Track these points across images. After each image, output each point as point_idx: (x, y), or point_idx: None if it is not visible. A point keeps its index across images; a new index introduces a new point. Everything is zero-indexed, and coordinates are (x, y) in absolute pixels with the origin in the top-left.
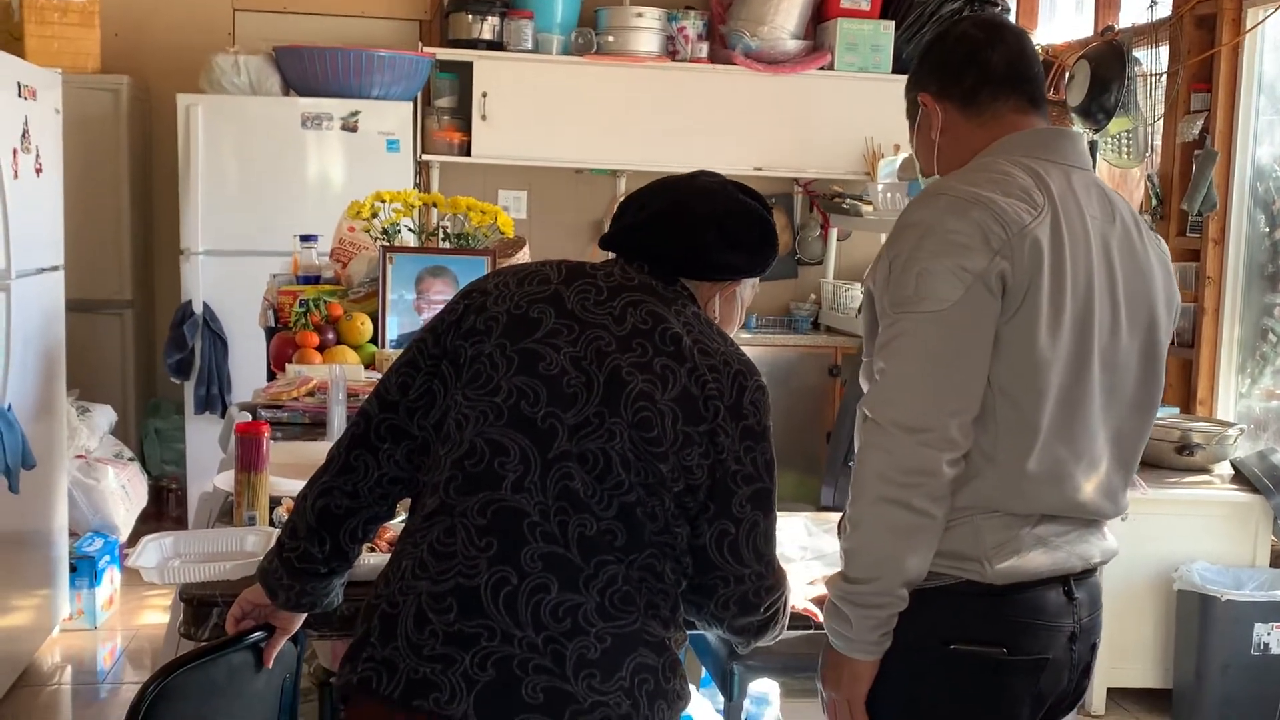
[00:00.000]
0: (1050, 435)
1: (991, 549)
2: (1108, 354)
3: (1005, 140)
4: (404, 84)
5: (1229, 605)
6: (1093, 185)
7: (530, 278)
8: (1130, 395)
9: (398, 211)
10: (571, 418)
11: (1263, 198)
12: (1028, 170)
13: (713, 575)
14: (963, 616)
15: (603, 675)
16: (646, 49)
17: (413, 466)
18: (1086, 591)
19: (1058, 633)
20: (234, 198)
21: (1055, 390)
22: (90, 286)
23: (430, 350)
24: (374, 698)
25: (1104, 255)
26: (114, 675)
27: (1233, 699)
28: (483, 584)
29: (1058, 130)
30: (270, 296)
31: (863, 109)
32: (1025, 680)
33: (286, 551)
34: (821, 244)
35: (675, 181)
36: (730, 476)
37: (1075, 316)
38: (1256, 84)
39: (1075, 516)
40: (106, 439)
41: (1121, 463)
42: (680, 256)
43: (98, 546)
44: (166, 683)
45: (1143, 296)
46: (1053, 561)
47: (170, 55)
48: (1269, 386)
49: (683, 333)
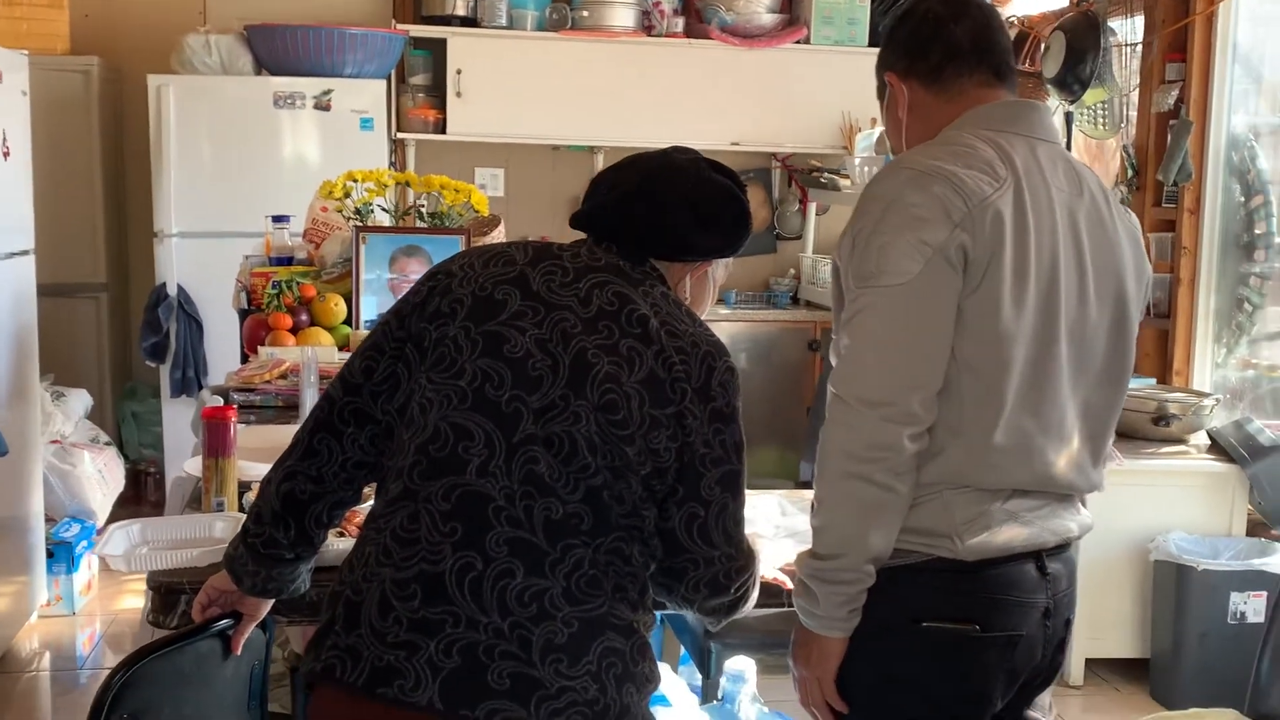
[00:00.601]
0: (1016, 408)
1: (962, 524)
2: (1075, 326)
3: (971, 114)
4: (377, 61)
5: (1205, 575)
6: (1059, 158)
7: (496, 259)
8: (1099, 368)
9: (370, 191)
10: (536, 401)
11: (1238, 167)
12: (991, 143)
13: (682, 558)
14: (935, 594)
15: (569, 660)
16: (622, 24)
17: (377, 451)
18: (1060, 566)
19: (1031, 609)
20: (207, 179)
21: (1020, 363)
22: (64, 270)
23: (395, 333)
24: (338, 686)
25: (1070, 227)
26: (93, 661)
27: (1210, 667)
28: (447, 570)
29: (1024, 103)
30: (243, 278)
31: (839, 83)
32: (998, 656)
33: (251, 537)
34: (800, 219)
35: (647, 159)
36: (699, 459)
37: (1040, 289)
38: (1231, 53)
39: (1046, 491)
40: (82, 424)
41: (1091, 437)
42: (651, 237)
43: (75, 532)
44: (133, 671)
45: (1111, 269)
46: (1025, 536)
47: (141, 35)
48: (1245, 356)
49: (650, 314)
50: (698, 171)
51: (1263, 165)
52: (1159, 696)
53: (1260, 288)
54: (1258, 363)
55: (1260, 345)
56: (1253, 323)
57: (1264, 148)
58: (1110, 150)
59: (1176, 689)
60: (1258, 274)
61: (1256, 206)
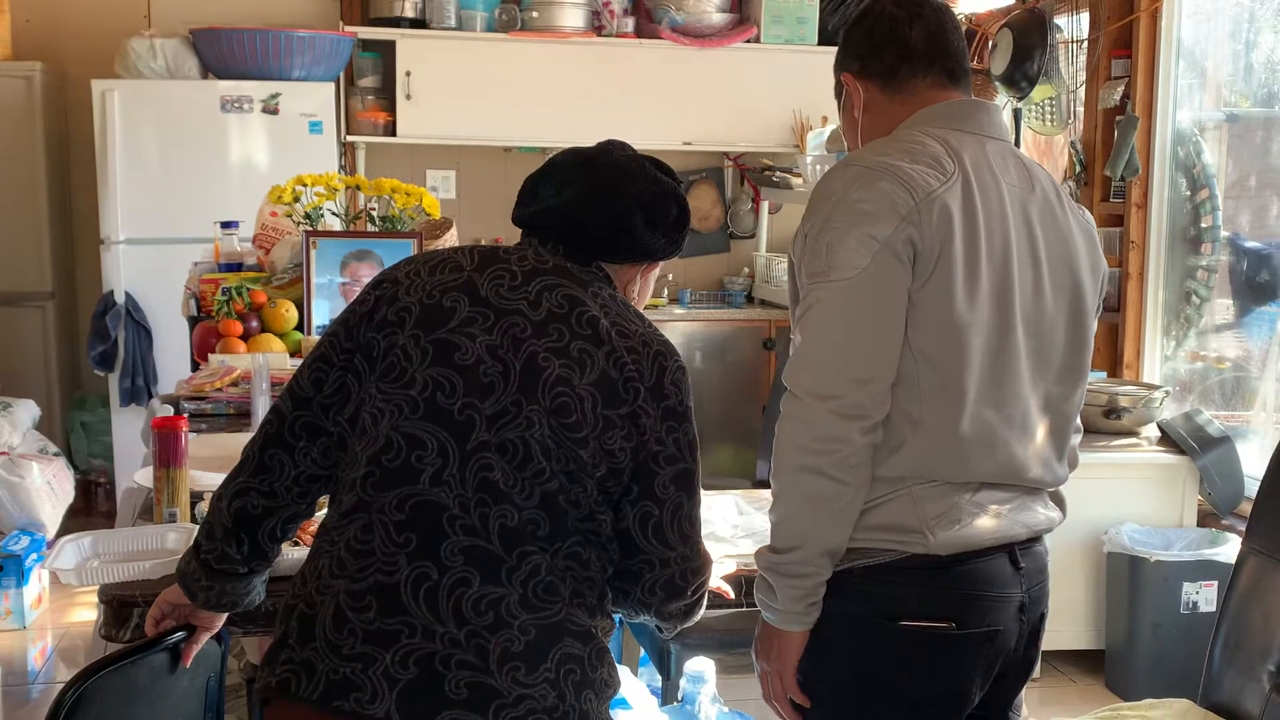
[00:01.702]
0: (978, 399)
1: (932, 518)
2: (1031, 319)
3: (922, 112)
4: (325, 64)
5: (1158, 566)
6: (1010, 155)
7: (442, 265)
8: (1058, 361)
9: (320, 195)
10: (489, 407)
11: (1184, 161)
12: (940, 140)
13: (638, 559)
14: (910, 592)
15: (527, 668)
16: (572, 24)
17: (330, 463)
18: (1033, 560)
19: (1006, 603)
20: (154, 185)
21: (979, 353)
22: (9, 279)
23: (343, 344)
24: (294, 700)
25: (1023, 221)
26: (45, 675)
27: (1164, 657)
28: (402, 580)
29: (974, 102)
30: (192, 285)
31: (790, 81)
32: (976, 653)
33: (204, 553)
34: (753, 217)
35: (590, 158)
36: (652, 457)
37: (993, 280)
38: (1175, 49)
39: (1014, 484)
40: (30, 434)
41: (1054, 431)
42: (604, 240)
43: (24, 545)
44: (86, 686)
45: (1066, 263)
46: (996, 529)
47: (84, 40)
48: (1193, 349)
49: (600, 315)
50: (645, 172)
51: (1208, 159)
52: (1114, 687)
53: (1207, 281)
54: (1206, 355)
55: (1208, 337)
56: (1200, 315)
57: (1209, 142)
58: (1058, 146)
59: (1131, 679)
60: (1205, 267)
61: (1202, 200)
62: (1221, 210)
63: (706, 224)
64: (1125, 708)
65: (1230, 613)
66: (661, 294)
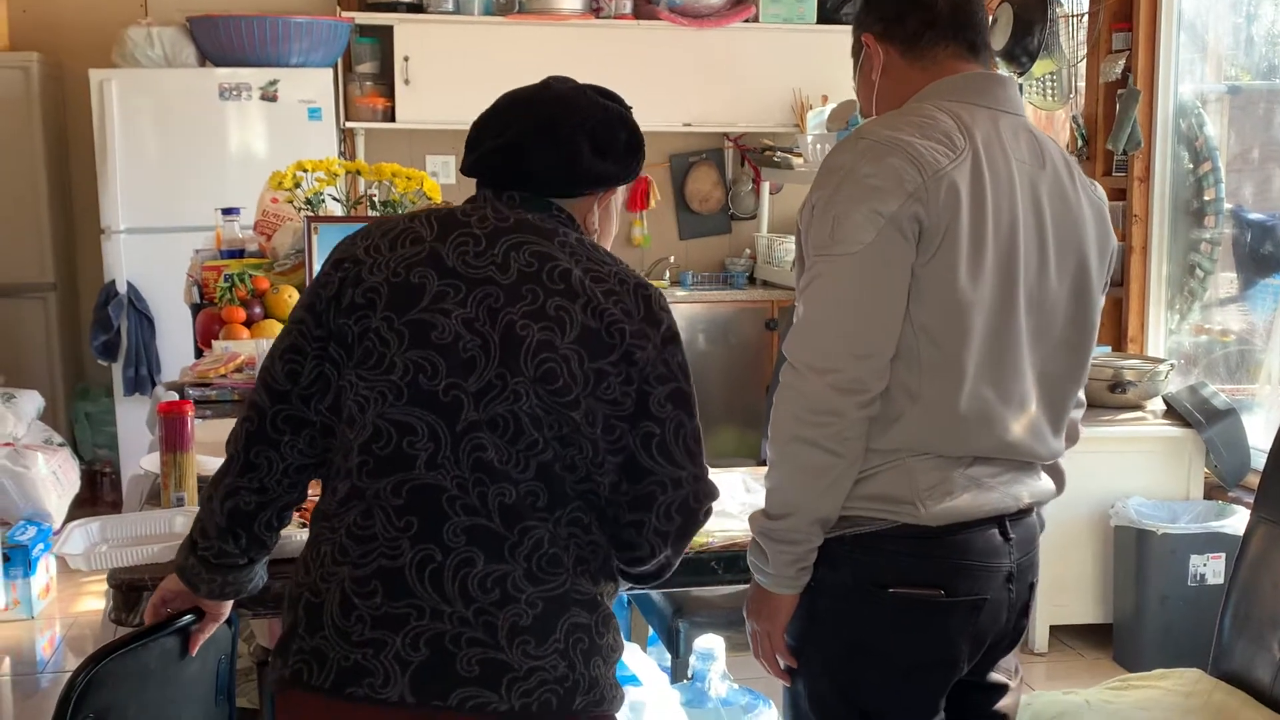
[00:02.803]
0: (977, 376)
1: (924, 490)
2: (1034, 296)
3: (937, 84)
4: (323, 50)
5: (1165, 538)
6: (1022, 130)
7: (402, 238)
8: (1059, 337)
9: (320, 181)
10: (474, 384)
11: (1185, 134)
12: (952, 114)
13: (648, 482)
14: (900, 560)
15: (536, 641)
16: (570, 7)
17: (316, 451)
18: (1022, 531)
19: (994, 573)
20: (154, 174)
21: (980, 331)
22: (11, 270)
23: (313, 332)
24: (307, 690)
25: (1031, 198)
26: (54, 664)
27: (1172, 630)
28: (407, 564)
29: (990, 75)
30: (194, 273)
31: (789, 61)
32: (963, 620)
33: (201, 550)
34: (754, 198)
35: (530, 96)
36: (645, 379)
37: (998, 258)
38: (1176, 22)
39: (1007, 458)
40: (35, 425)
41: (1050, 404)
42: (554, 176)
43: (31, 535)
44: (97, 670)
45: (1073, 240)
46: (987, 502)
47: (81, 30)
48: (1198, 322)
49: (571, 265)
50: (587, 99)
51: (1210, 132)
52: (1122, 660)
53: (1211, 253)
54: (1210, 328)
55: (1212, 310)
56: (1204, 288)
57: (1211, 114)
58: (1060, 121)
59: (1139, 652)
60: (1208, 240)
61: (1205, 173)
62: (1224, 183)
63: (707, 205)
64: (1135, 678)
65: (1240, 582)
66: (664, 276)
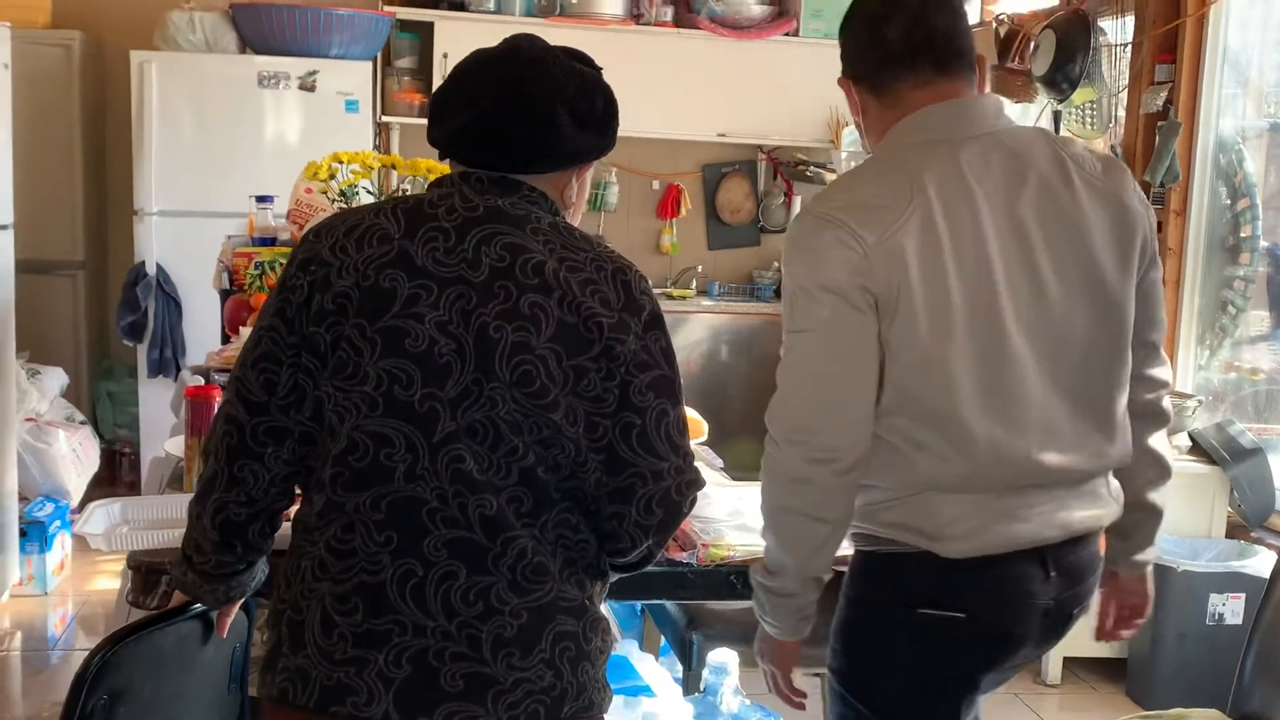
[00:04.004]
0: (980, 419)
1: (947, 524)
2: (1033, 320)
3: (896, 128)
4: (363, 43)
5: (1185, 576)
6: (995, 149)
7: (368, 236)
8: (1081, 342)
9: (356, 173)
10: (450, 390)
11: (1225, 170)
12: (904, 163)
13: (627, 474)
14: (926, 582)
15: (521, 652)
16: (610, 12)
17: (300, 458)
18: (1072, 562)
19: (1029, 608)
20: (189, 157)
21: (965, 378)
22: (42, 247)
23: (286, 340)
24: (292, 709)
25: (1009, 223)
26: (65, 642)
27: (1187, 668)
28: (388, 579)
29: (951, 103)
30: (225, 258)
31: (827, 76)
32: (989, 647)
33: (198, 565)
34: (785, 211)
35: (498, 61)
36: (626, 367)
37: (968, 301)
38: (1221, 56)
39: (1041, 484)
40: (58, 402)
41: (1088, 414)
42: (531, 150)
43: (48, 511)
44: (112, 652)
45: (1073, 243)
46: (1021, 534)
47: (124, 11)
48: (1227, 359)
49: (545, 257)
50: (561, 66)
51: (1249, 168)
52: (1135, 696)
53: (1244, 291)
54: (1240, 366)
55: (1243, 348)
56: (1236, 326)
57: (1251, 151)
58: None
59: (1153, 689)
60: (1242, 277)
61: (1242, 210)
62: (1262, 220)
63: (738, 217)
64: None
65: (1264, 624)
66: (690, 285)
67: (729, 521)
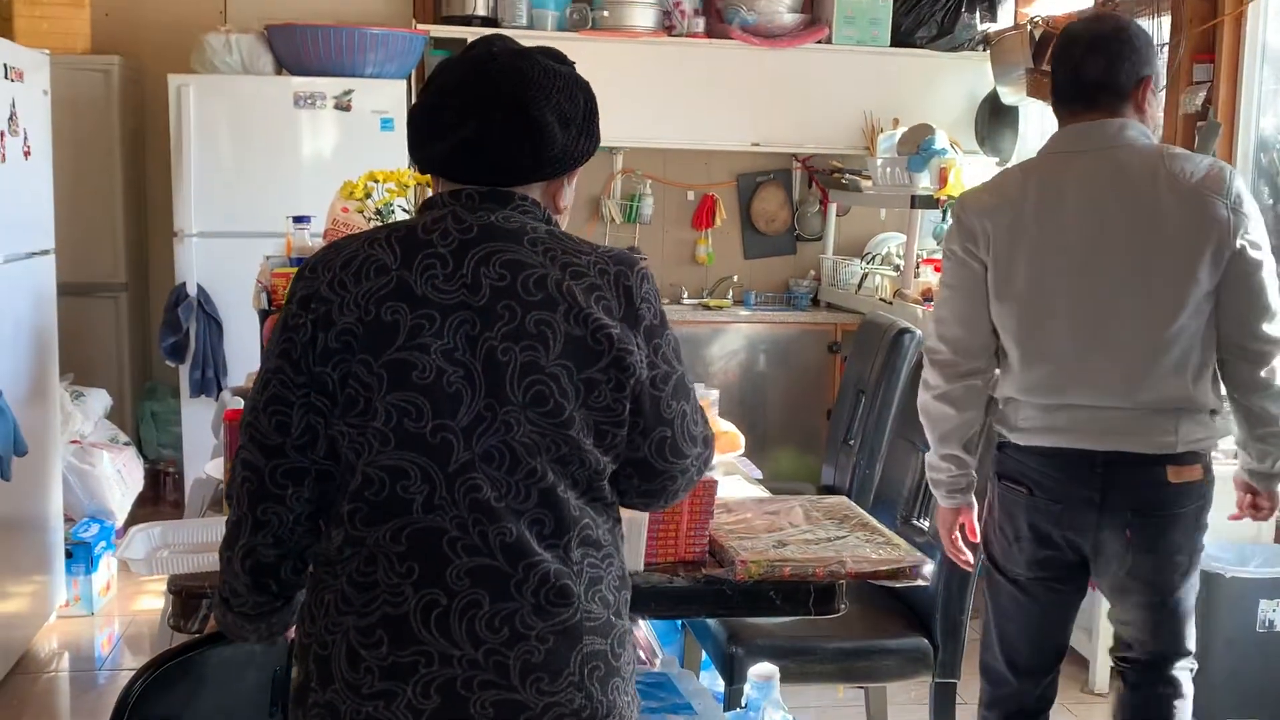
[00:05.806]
0: (1025, 355)
1: (1020, 422)
2: (1082, 291)
3: (1047, 141)
4: (397, 62)
5: (1234, 582)
6: (1106, 160)
7: (365, 268)
8: (1123, 315)
9: (391, 191)
10: (462, 419)
11: (1266, 169)
12: (1029, 169)
13: (660, 480)
14: (1007, 461)
15: (550, 676)
16: (642, 24)
17: (323, 493)
18: (1123, 474)
19: (1073, 489)
20: (227, 179)
21: (1016, 322)
22: (84, 270)
23: (293, 380)
24: None
25: (1094, 213)
26: (112, 662)
27: (1237, 675)
28: (411, 610)
29: (1079, 126)
30: (263, 279)
31: (861, 83)
32: (1046, 513)
33: (236, 609)
34: (821, 220)
35: (475, 74)
36: (650, 384)
37: (1031, 271)
38: (1260, 54)
39: (1087, 405)
40: (101, 423)
41: (1119, 365)
42: (528, 162)
43: (94, 532)
44: (154, 675)
45: (1143, 232)
46: (1068, 438)
47: (162, 35)
48: None
49: (547, 269)
50: (541, 69)
51: None
52: None
53: None
54: None
55: None
56: None
57: None
58: None
59: (1202, 696)
60: None
61: None
62: None
63: (773, 226)
64: None
65: None
66: (727, 295)
67: (767, 538)
